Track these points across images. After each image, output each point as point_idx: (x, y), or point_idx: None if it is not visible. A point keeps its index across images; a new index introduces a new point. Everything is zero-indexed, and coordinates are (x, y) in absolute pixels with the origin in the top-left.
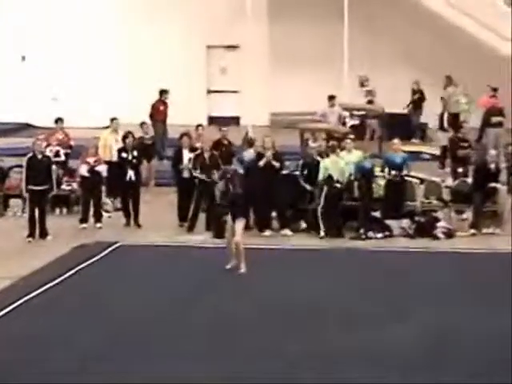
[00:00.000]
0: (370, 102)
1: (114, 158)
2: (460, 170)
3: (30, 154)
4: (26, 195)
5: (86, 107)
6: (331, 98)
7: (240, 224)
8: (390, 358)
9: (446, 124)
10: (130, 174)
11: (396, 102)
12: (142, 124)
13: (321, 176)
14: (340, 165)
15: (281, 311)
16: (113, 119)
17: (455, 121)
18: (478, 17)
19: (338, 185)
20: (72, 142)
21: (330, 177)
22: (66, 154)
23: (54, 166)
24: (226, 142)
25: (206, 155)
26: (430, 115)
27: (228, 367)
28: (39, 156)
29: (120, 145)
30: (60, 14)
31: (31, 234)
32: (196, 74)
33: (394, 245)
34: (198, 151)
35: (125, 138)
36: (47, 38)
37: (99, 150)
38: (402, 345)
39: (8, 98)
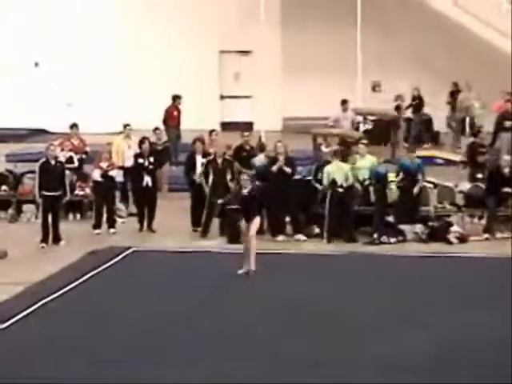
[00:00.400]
0: (397, 107)
1: (127, 164)
2: (479, 175)
3: (43, 160)
4: (39, 201)
5: (99, 113)
6: (344, 102)
7: (255, 221)
8: (403, 365)
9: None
10: (147, 179)
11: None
12: (155, 130)
13: (325, 181)
14: (344, 170)
15: (293, 317)
16: (126, 125)
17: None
18: (491, 21)
19: (341, 189)
20: (87, 148)
21: (333, 181)
22: (81, 160)
23: (67, 172)
24: (247, 148)
25: (219, 160)
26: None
27: (238, 371)
28: (52, 161)
29: (132, 151)
30: (74, 21)
31: (44, 240)
32: (209, 80)
33: (408, 249)
34: (211, 156)
35: (141, 143)
36: (61, 44)
37: (112, 156)
38: (415, 351)
39: (22, 103)
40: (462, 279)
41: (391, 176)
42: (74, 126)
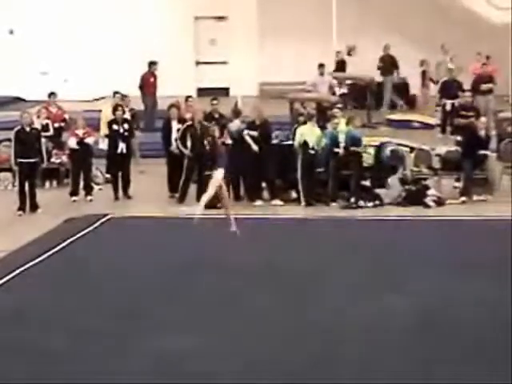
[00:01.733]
0: (423, 72)
1: None
2: (458, 138)
3: (18, 127)
4: (16, 168)
5: (74, 80)
6: (321, 66)
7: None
8: (381, 328)
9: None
10: (122, 146)
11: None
12: (123, 97)
13: (296, 142)
14: (316, 132)
15: (271, 280)
16: (115, 93)
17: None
18: None
19: (312, 151)
20: (66, 116)
21: (305, 143)
22: (60, 128)
23: (43, 139)
24: (216, 115)
25: (197, 126)
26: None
27: (217, 340)
28: (27, 129)
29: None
30: None
31: (22, 208)
32: (184, 46)
33: (385, 213)
34: (189, 122)
35: (114, 110)
36: (35, 10)
37: (101, 126)
38: (392, 315)
39: None
40: (438, 242)
41: (367, 140)
42: (52, 94)
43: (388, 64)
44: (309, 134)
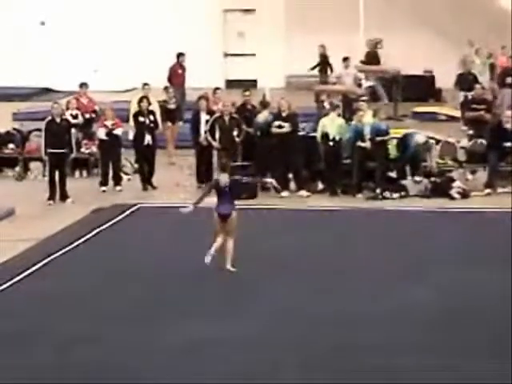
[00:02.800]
0: None
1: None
2: (470, 132)
3: (49, 118)
4: (46, 158)
5: (105, 71)
6: (346, 59)
7: (234, 219)
8: (404, 318)
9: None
10: (148, 138)
11: (411, 65)
12: (166, 88)
13: (318, 134)
14: (337, 123)
15: (298, 271)
16: (145, 84)
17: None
18: None
19: (332, 143)
20: (96, 107)
21: (326, 134)
22: (91, 119)
23: (72, 130)
24: (249, 107)
25: (226, 118)
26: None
27: (251, 327)
28: (58, 119)
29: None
30: None
31: (52, 197)
32: (213, 38)
33: (410, 204)
34: (218, 114)
35: (140, 102)
36: (67, 2)
37: (130, 117)
38: (416, 305)
39: (28, 62)
40: (463, 234)
41: (393, 132)
42: (83, 84)
43: (371, 59)
44: (330, 125)
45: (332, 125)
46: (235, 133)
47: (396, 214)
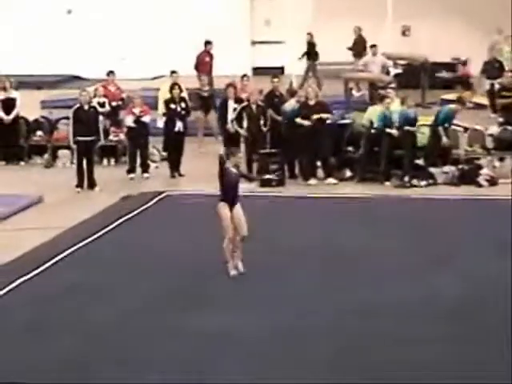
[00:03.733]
0: None
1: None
2: (500, 119)
3: (77, 106)
4: (74, 146)
5: (132, 59)
6: (373, 46)
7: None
8: (429, 307)
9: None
10: (179, 125)
11: (439, 52)
12: (200, 76)
13: (365, 121)
14: (379, 110)
15: (320, 258)
16: (172, 72)
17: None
18: None
19: (373, 130)
20: (124, 95)
21: (371, 123)
22: (118, 106)
23: (100, 117)
24: (277, 93)
25: (253, 106)
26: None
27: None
28: (86, 107)
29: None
30: None
31: (80, 185)
32: (240, 25)
33: (438, 192)
34: (245, 103)
35: (171, 89)
36: None
37: (159, 104)
38: (443, 294)
39: (56, 50)
40: (491, 222)
41: (422, 119)
42: (110, 72)
43: (359, 47)
44: (374, 114)
45: (375, 114)
46: (262, 122)
47: (423, 201)
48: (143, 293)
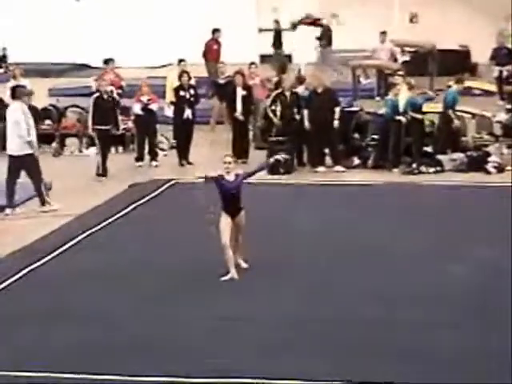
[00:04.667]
0: None
1: None
2: (508, 106)
3: (97, 94)
4: (94, 135)
5: (139, 47)
6: (382, 33)
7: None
8: (438, 295)
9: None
10: (188, 112)
11: (447, 39)
12: (180, 61)
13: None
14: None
15: (331, 247)
16: (180, 60)
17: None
18: None
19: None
20: (123, 83)
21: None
22: (118, 95)
23: None
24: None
25: (287, 93)
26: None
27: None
28: (105, 96)
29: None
30: None
31: (103, 174)
32: (247, 13)
33: (446, 179)
34: (279, 90)
35: (180, 76)
36: None
37: (167, 92)
38: (451, 282)
39: (64, 38)
40: (500, 208)
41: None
42: (109, 60)
43: (327, 37)
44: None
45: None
46: (295, 109)
47: (432, 188)
48: (153, 280)
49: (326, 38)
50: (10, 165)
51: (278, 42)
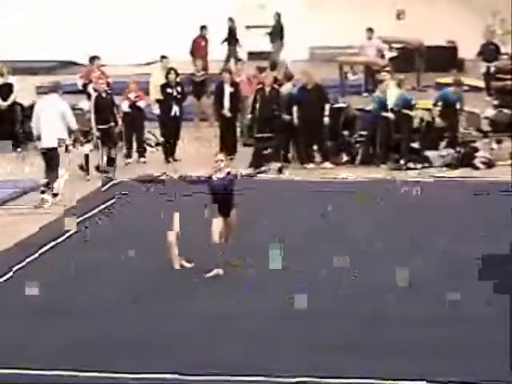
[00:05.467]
0: None
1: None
2: (495, 102)
3: (96, 94)
4: (97, 134)
5: (125, 44)
6: (369, 30)
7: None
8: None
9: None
10: (175, 109)
11: (434, 35)
12: (162, 58)
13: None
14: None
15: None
16: (162, 57)
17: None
18: None
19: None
20: (110, 80)
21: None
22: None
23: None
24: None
25: (267, 89)
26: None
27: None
28: (103, 95)
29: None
30: None
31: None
32: (234, 10)
33: (434, 175)
34: (259, 85)
35: (167, 74)
36: None
37: (150, 89)
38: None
39: (51, 36)
40: (487, 203)
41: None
42: (94, 57)
43: (276, 31)
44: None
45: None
46: (275, 106)
47: (419, 184)
48: (144, 275)
49: (276, 33)
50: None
51: (233, 40)
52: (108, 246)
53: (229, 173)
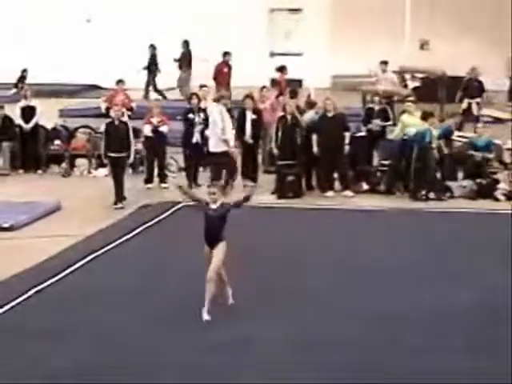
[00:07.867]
0: None
1: None
2: None
3: (109, 120)
4: (106, 161)
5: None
6: (384, 63)
7: (221, 248)
8: (443, 319)
9: None
10: (197, 136)
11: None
12: (202, 87)
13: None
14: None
15: (338, 269)
16: (119, 81)
17: None
18: None
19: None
20: (133, 104)
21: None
22: (127, 116)
23: None
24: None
25: (289, 117)
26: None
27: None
28: (116, 122)
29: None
30: None
31: (118, 200)
32: (259, 37)
33: (455, 206)
34: (281, 114)
35: (190, 99)
36: (111, 0)
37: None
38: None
39: (75, 59)
40: (507, 236)
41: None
42: (119, 81)
43: (185, 59)
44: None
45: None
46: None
47: (440, 215)
48: (158, 302)
49: (185, 60)
50: (209, 160)
51: (153, 66)
52: None
53: (222, 204)
